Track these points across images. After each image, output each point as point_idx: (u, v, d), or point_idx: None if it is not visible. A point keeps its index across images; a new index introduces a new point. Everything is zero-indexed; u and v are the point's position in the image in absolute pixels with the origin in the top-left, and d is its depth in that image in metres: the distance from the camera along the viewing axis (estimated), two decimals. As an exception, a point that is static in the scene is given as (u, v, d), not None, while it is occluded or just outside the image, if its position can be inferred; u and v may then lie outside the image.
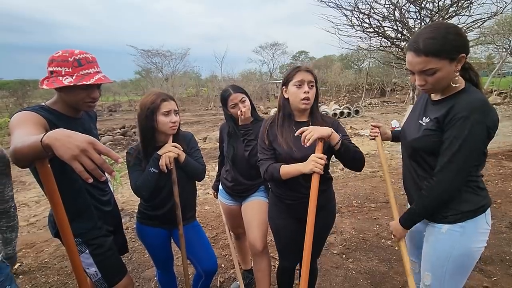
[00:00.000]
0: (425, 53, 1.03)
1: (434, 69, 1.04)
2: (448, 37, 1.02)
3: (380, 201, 3.79)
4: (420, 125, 1.19)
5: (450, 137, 1.06)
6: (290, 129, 1.44)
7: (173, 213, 1.56)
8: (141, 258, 2.65)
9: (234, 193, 1.88)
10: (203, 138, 9.63)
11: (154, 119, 1.46)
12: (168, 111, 1.47)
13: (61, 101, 1.28)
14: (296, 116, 1.47)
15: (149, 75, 29.20)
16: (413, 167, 1.26)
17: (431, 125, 1.13)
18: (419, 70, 1.07)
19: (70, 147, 0.71)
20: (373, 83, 26.01)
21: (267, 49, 35.66)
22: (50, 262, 2.66)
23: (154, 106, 1.45)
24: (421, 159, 1.21)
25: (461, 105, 1.05)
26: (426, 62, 1.04)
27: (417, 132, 1.19)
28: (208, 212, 3.64)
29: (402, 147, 1.33)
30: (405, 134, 1.29)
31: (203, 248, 1.68)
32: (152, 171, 1.47)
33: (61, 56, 1.19)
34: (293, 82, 1.39)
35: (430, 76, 1.07)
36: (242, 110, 1.67)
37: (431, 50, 1.02)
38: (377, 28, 9.05)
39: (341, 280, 2.24)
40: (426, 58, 1.04)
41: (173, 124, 1.49)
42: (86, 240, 1.35)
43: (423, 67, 1.06)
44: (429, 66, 1.04)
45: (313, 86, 1.40)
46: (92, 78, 1.20)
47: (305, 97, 1.37)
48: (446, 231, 1.16)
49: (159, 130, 1.50)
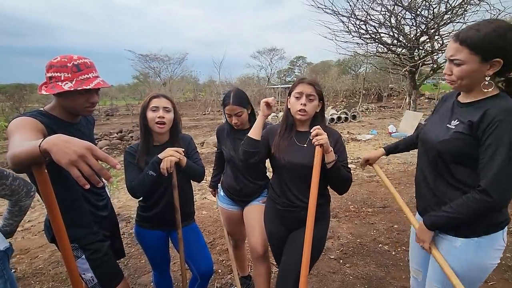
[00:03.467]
0: (461, 41, 0.98)
1: (462, 61, 0.99)
2: (491, 35, 0.94)
3: (377, 206, 3.80)
4: (448, 128, 1.11)
5: (493, 144, 0.97)
6: (290, 138, 1.48)
7: (170, 213, 1.56)
8: (138, 264, 2.62)
9: (237, 198, 1.87)
10: (200, 142, 9.61)
11: (145, 116, 1.54)
12: (156, 107, 1.51)
13: (60, 106, 1.28)
14: (298, 125, 1.51)
15: (147, 79, 29.22)
16: (432, 174, 1.18)
17: (462, 128, 1.05)
18: (449, 56, 1.03)
19: (68, 152, 0.71)
20: (370, 88, 26.21)
21: (265, 54, 35.93)
22: (45, 268, 2.63)
23: (145, 103, 1.53)
24: (443, 165, 1.13)
25: (498, 109, 0.98)
26: (457, 50, 0.99)
27: (444, 135, 1.11)
28: (206, 217, 3.62)
29: (422, 152, 1.25)
30: (427, 137, 1.20)
31: (200, 250, 1.69)
32: (150, 174, 1.47)
33: (59, 61, 1.20)
34: (294, 93, 1.43)
35: (456, 66, 1.02)
36: (235, 123, 1.75)
37: (467, 40, 0.97)
38: (373, 34, 9.18)
39: (338, 286, 2.23)
40: (459, 46, 0.99)
41: (159, 119, 1.50)
42: (83, 246, 1.34)
43: (452, 54, 1.01)
44: (458, 55, 0.99)
45: (312, 100, 1.41)
46: (91, 82, 1.21)
47: (301, 109, 1.40)
48: (460, 245, 1.09)
49: (151, 126, 1.53)
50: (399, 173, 5.38)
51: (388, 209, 3.68)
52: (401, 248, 2.73)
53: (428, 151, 1.19)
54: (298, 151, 1.44)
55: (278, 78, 39.50)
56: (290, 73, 42.64)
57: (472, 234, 1.07)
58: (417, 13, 8.28)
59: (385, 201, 3.94)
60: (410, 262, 1.42)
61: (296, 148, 1.45)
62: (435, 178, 1.17)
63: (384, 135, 9.74)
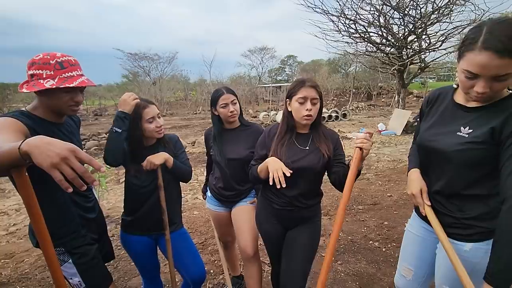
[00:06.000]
0: (511, 55, 0.86)
1: (510, 74, 0.89)
2: None
3: (368, 203, 3.84)
4: (460, 137, 1.03)
5: None
6: (290, 141, 1.45)
7: (155, 215, 1.53)
8: (127, 266, 2.58)
9: (224, 199, 1.86)
10: (191, 142, 9.53)
11: (140, 128, 1.51)
12: (152, 117, 1.51)
13: (43, 106, 1.24)
14: (298, 128, 1.48)
15: (136, 78, 28.81)
16: (437, 180, 1.12)
17: (480, 136, 0.98)
18: (495, 74, 0.89)
19: (49, 154, 0.68)
20: (360, 87, 26.53)
21: (256, 53, 35.92)
22: (31, 272, 2.56)
23: (138, 115, 1.49)
24: (455, 171, 1.07)
25: None
26: (508, 65, 0.87)
27: (457, 144, 1.03)
28: (197, 217, 3.59)
29: (427, 159, 1.18)
30: (435, 146, 1.11)
31: (191, 256, 1.65)
32: (114, 131, 1.42)
33: (42, 58, 1.16)
34: (296, 98, 1.36)
35: (500, 82, 0.91)
36: (232, 109, 1.72)
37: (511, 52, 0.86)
38: (363, 34, 9.29)
39: (330, 283, 2.25)
40: (510, 61, 0.86)
41: (159, 128, 1.55)
42: (69, 249, 1.30)
43: (501, 72, 0.88)
44: (509, 70, 0.88)
45: (316, 103, 1.37)
46: (75, 80, 1.17)
47: (307, 114, 1.36)
48: (470, 249, 1.06)
49: (146, 136, 1.55)
50: (388, 170, 5.46)
51: (378, 206, 3.73)
52: (391, 245, 2.77)
53: (440, 161, 1.11)
54: (300, 154, 1.41)
55: (269, 77, 39.58)
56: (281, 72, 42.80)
57: (482, 238, 1.05)
58: (405, 12, 8.42)
59: (375, 198, 4.00)
60: (401, 261, 1.40)
61: (298, 151, 1.42)
62: (446, 189, 1.10)
63: (374, 133, 9.87)
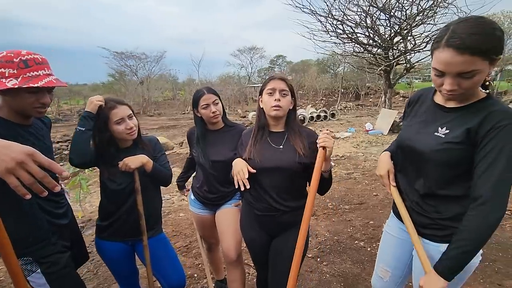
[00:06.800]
0: (472, 52, 0.85)
1: (476, 71, 0.88)
2: (496, 34, 0.87)
3: (354, 202, 3.87)
4: (437, 137, 1.04)
5: (495, 150, 0.91)
6: (263, 140, 1.43)
7: (132, 219, 1.47)
8: (108, 272, 2.49)
9: (208, 202, 1.81)
10: (179, 143, 9.41)
11: (108, 129, 1.42)
12: (121, 119, 1.42)
13: (7, 107, 1.16)
14: (272, 126, 1.44)
15: (123, 78, 28.26)
16: (421, 185, 1.12)
17: (457, 136, 0.98)
18: (459, 71, 0.89)
19: (4, 159, 0.64)
20: (348, 87, 26.88)
21: (245, 53, 35.89)
22: (6, 281, 2.44)
23: (105, 116, 1.40)
24: (432, 171, 1.07)
25: (500, 113, 0.92)
26: (470, 62, 0.87)
27: (435, 144, 1.03)
28: (182, 219, 3.53)
29: (407, 159, 1.17)
30: (413, 145, 1.12)
31: (170, 263, 1.59)
32: (78, 130, 1.37)
33: (5, 56, 1.08)
34: (266, 90, 1.38)
35: (467, 79, 0.90)
36: (214, 110, 1.66)
37: (478, 48, 0.85)
38: (350, 34, 9.38)
39: (315, 285, 2.24)
40: (471, 58, 0.86)
41: (129, 130, 1.44)
42: (38, 258, 1.23)
43: (464, 68, 0.88)
44: (472, 67, 0.88)
45: (285, 95, 1.37)
46: (40, 80, 1.10)
47: (276, 104, 1.35)
48: (444, 249, 1.05)
49: (117, 138, 1.46)
50: (375, 169, 5.51)
51: (364, 205, 3.76)
52: (376, 244, 2.79)
53: (416, 160, 1.12)
54: (274, 153, 1.38)
55: (258, 77, 39.54)
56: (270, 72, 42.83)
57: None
58: (391, 14, 8.55)
59: (362, 197, 4.03)
60: (378, 262, 1.39)
61: (272, 150, 1.39)
62: (423, 189, 1.10)
63: (362, 132, 9.99)
